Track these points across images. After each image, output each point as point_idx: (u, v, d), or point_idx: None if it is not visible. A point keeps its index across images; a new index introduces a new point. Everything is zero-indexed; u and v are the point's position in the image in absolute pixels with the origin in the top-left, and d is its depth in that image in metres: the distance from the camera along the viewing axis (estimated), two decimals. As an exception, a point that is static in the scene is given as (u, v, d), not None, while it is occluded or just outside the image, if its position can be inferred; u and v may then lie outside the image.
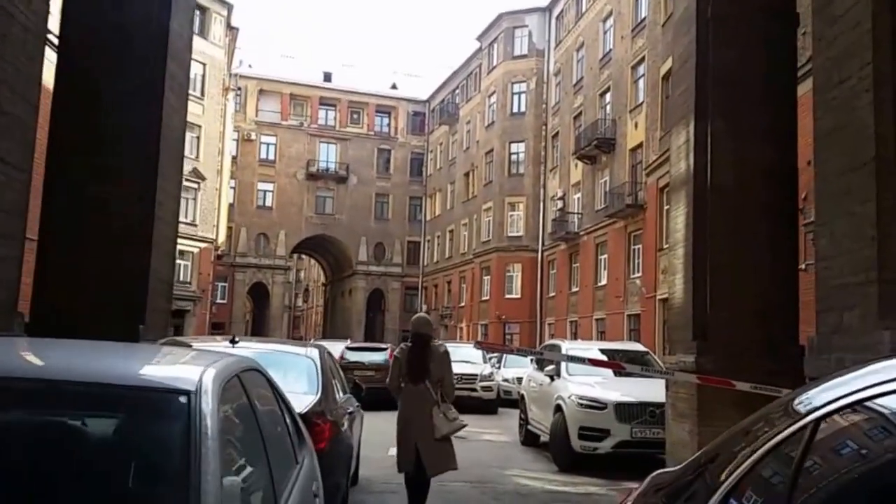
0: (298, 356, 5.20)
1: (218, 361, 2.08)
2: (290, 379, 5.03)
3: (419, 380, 5.37)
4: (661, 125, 21.23)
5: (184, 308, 32.23)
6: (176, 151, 7.70)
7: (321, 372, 5.00)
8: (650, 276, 21.07)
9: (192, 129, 32.57)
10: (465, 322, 38.66)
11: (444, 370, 5.48)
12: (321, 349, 5.48)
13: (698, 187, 7.28)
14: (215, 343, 5.49)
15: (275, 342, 6.12)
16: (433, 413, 5.35)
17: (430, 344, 5.52)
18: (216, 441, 1.70)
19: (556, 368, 9.18)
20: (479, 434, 11.57)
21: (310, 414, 4.40)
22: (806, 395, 1.69)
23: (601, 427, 8.00)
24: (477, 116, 39.32)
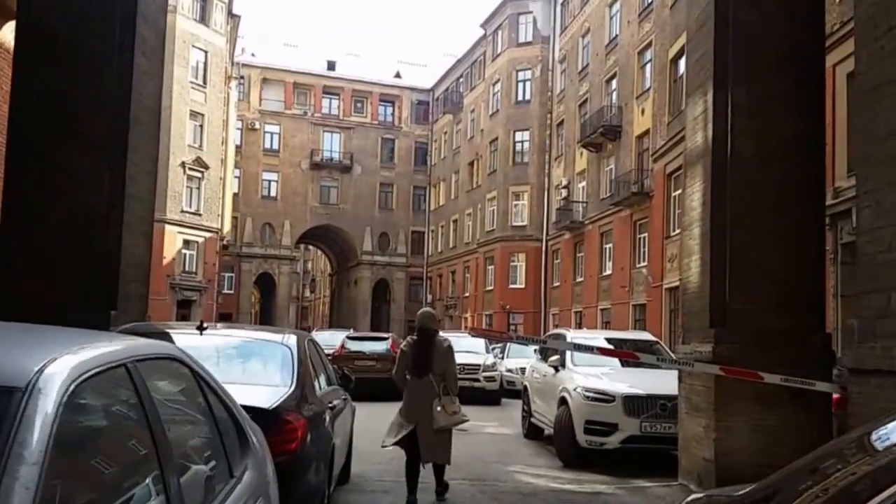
0: (273, 344, 4.59)
1: (87, 347, 1.47)
2: (261, 370, 4.43)
3: (423, 373, 5.51)
4: (670, 109, 20.50)
5: (190, 298, 31.79)
6: (150, 122, 7.08)
7: (297, 362, 4.39)
8: (657, 265, 20.40)
9: (195, 117, 32.05)
10: (469, 312, 38.08)
11: (447, 364, 5.61)
12: (301, 336, 4.88)
13: (717, 161, 6.61)
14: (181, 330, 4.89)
15: (249, 329, 5.52)
16: (433, 405, 5.49)
17: (435, 338, 5.64)
18: (37, 466, 1.10)
19: (561, 359, 8.55)
20: (481, 427, 10.97)
21: (280, 410, 3.80)
22: (884, 430, 1.43)
23: (609, 421, 7.37)
24: (481, 105, 38.56)
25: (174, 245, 30.84)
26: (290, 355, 4.42)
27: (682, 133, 19.41)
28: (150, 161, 7.20)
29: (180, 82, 31.05)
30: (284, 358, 4.41)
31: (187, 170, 31.49)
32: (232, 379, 4.25)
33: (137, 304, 6.76)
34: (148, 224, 7.19)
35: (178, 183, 31.13)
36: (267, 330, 5.12)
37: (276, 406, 3.79)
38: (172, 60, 30.69)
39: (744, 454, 5.97)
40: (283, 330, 4.98)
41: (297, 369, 4.32)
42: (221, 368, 4.39)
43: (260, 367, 4.42)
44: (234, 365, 4.41)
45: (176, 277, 30.84)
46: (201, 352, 4.50)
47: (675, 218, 19.53)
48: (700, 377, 6.45)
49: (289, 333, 4.80)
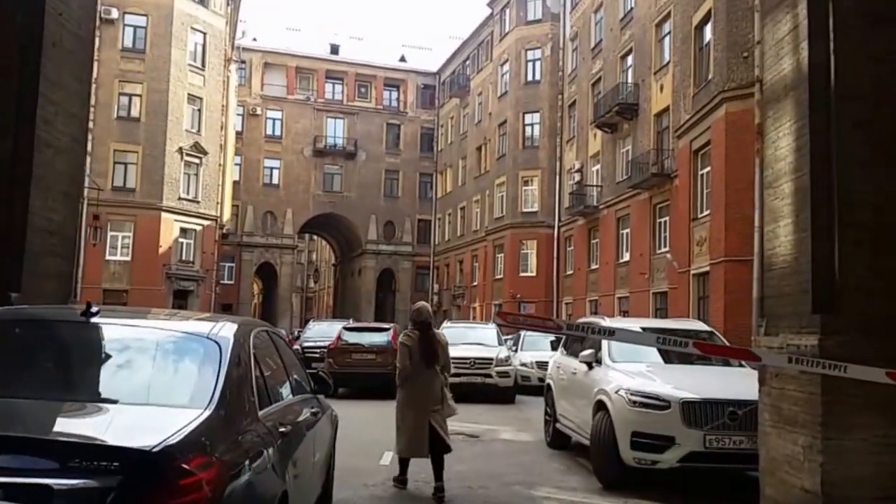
0: (193, 341, 2.96)
1: None
2: (166, 381, 2.78)
3: (431, 364, 5.63)
4: (695, 81, 18.69)
5: (186, 288, 30.30)
6: (77, 52, 5.44)
7: (227, 368, 2.76)
8: (682, 250, 18.67)
9: (193, 101, 30.45)
10: (478, 302, 36.46)
11: (447, 358, 5.80)
12: (245, 328, 3.24)
13: (816, 93, 4.91)
14: (61, 316, 3.25)
15: (165, 317, 3.88)
16: (444, 393, 5.66)
17: (435, 332, 5.82)
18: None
19: (595, 353, 6.90)
20: (496, 432, 9.36)
21: (168, 455, 2.17)
22: None
23: (662, 433, 5.73)
24: (489, 87, 36.76)
25: (171, 233, 29.34)
26: (216, 358, 2.79)
27: (710, 104, 17.72)
28: (78, 103, 5.58)
29: (178, 65, 29.48)
30: (207, 362, 2.79)
31: (185, 155, 29.94)
32: (111, 395, 2.62)
33: (55, 284, 5.15)
34: (74, 184, 5.58)
35: (175, 169, 29.59)
36: (194, 318, 3.49)
37: (163, 448, 2.16)
38: (170, 42, 29.17)
39: (864, 485, 4.34)
40: (217, 318, 3.33)
41: (225, 380, 2.69)
42: (99, 378, 2.77)
43: (165, 376, 2.79)
44: (122, 374, 2.78)
45: (172, 267, 29.33)
46: (77, 352, 2.88)
47: (704, 198, 17.79)
48: (796, 379, 4.79)
49: (225, 324, 3.16)
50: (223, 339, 2.91)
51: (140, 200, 28.43)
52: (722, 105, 16.60)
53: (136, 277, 28.01)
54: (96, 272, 27.42)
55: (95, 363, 2.80)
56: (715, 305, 16.33)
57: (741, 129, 16.14)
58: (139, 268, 28.16)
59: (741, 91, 16.12)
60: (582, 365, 7.04)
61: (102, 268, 27.80)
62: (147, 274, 28.01)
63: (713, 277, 16.75)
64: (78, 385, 2.69)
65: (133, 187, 28.63)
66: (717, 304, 16.21)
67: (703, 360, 7.33)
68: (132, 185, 28.66)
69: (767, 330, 5.40)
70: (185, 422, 2.35)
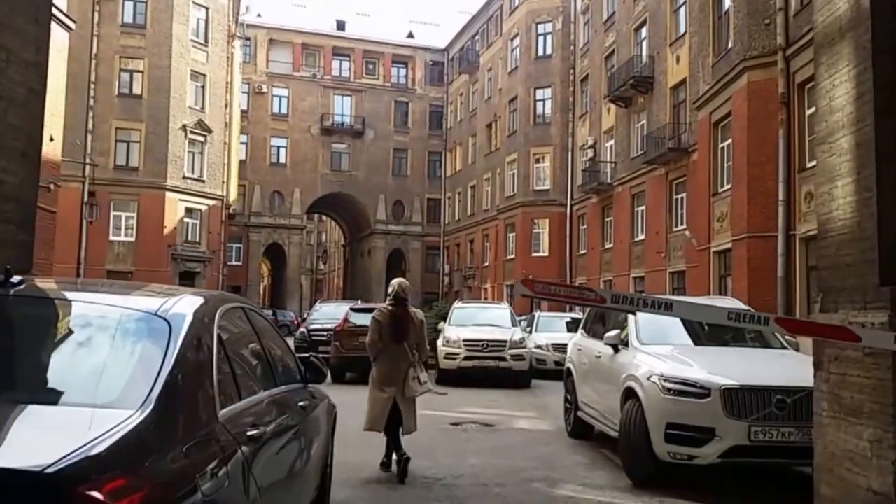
0: (135, 320, 2.30)
1: None
2: (88, 373, 2.12)
3: (400, 340, 5.53)
4: (714, 50, 17.76)
5: (193, 270, 29.83)
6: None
7: (175, 355, 2.12)
8: (702, 227, 17.87)
9: (196, 77, 29.75)
10: (489, 282, 35.82)
11: (421, 336, 5.68)
12: (209, 305, 2.59)
13: (880, 33, 4.18)
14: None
15: (108, 289, 3.20)
16: (408, 373, 5.50)
17: (409, 309, 5.68)
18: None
19: (621, 334, 6.25)
20: (511, 419, 8.75)
21: (75, 473, 1.53)
22: None
23: (701, 425, 5.08)
24: (499, 63, 35.75)
25: (175, 213, 28.83)
26: (163, 341, 2.15)
27: (730, 74, 16.81)
28: (34, 48, 4.89)
29: (180, 40, 28.76)
30: (150, 347, 2.16)
31: (189, 133, 29.32)
32: (14, 392, 1.98)
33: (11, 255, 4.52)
34: (32, 143, 4.92)
35: (179, 147, 29.00)
36: (148, 291, 2.84)
37: (61, 468, 1.53)
38: (171, 17, 28.42)
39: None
40: (178, 291, 2.68)
41: (171, 371, 2.05)
42: (2, 369, 2.14)
43: (91, 366, 2.14)
44: (34, 363, 2.14)
45: (178, 248, 28.87)
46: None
47: (725, 172, 16.95)
48: (859, 363, 4.12)
49: (184, 298, 2.51)
50: (176, 318, 2.27)
51: (143, 179, 27.90)
52: (743, 74, 15.73)
53: (140, 258, 27.56)
54: (100, 253, 27.03)
55: (2, 349, 2.17)
56: (738, 284, 15.58)
57: (764, 99, 15.32)
58: (144, 248, 27.70)
59: (763, 59, 15.27)
60: (606, 348, 6.38)
61: (106, 249, 27.39)
62: (152, 255, 27.55)
63: (735, 255, 15.99)
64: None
65: (136, 166, 28.08)
66: (740, 283, 15.47)
67: (738, 342, 6.69)
68: (135, 163, 28.12)
69: (824, 306, 4.70)
70: (103, 429, 1.72)
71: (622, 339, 6.20)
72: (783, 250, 14.50)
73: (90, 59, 26.80)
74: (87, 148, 26.39)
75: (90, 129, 26.88)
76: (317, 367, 3.68)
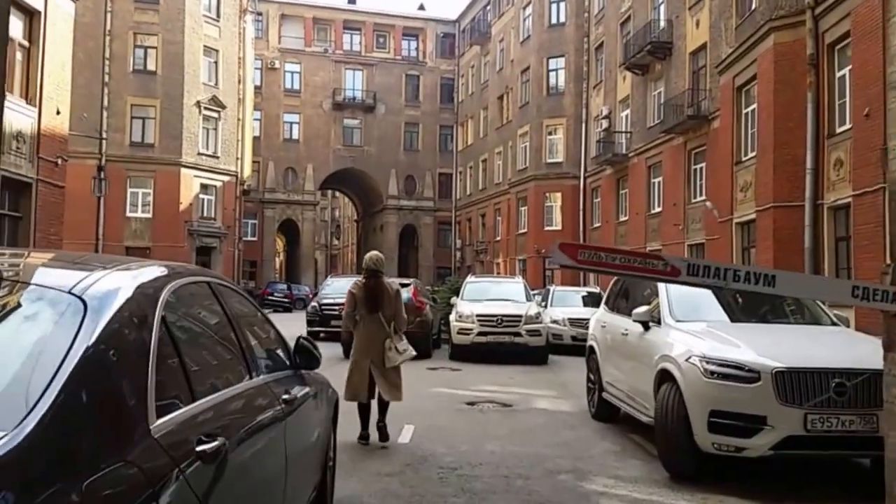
0: (38, 301, 1.63)
1: None
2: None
3: (374, 311, 5.55)
4: (737, 11, 16.70)
5: (210, 245, 29.44)
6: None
7: (87, 350, 1.47)
8: (724, 197, 17.01)
9: (209, 53, 28.99)
10: (501, 257, 35.13)
11: (397, 307, 5.66)
12: (154, 280, 1.92)
13: None
14: None
15: (13, 257, 2.50)
16: (386, 344, 5.53)
17: (383, 280, 5.67)
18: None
19: (653, 310, 5.57)
20: (531, 400, 8.14)
21: None
22: None
23: (750, 412, 4.43)
24: (511, 33, 34.56)
25: (191, 189, 28.33)
26: (69, 331, 1.51)
27: (755, 35, 15.79)
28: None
29: (192, 15, 27.96)
30: (50, 338, 1.51)
31: (203, 110, 28.68)
32: None
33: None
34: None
35: (194, 123, 28.39)
36: (66, 261, 2.19)
37: None
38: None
39: None
40: (121, 262, 2.03)
41: (73, 372, 1.41)
42: None
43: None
44: None
45: (194, 223, 28.43)
46: None
47: (750, 139, 16.03)
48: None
49: (113, 271, 1.85)
50: (96, 297, 1.62)
51: (159, 156, 27.40)
52: (769, 35, 14.73)
53: (158, 234, 27.20)
54: (118, 230, 26.67)
55: None
56: (762, 256, 14.79)
57: (791, 61, 14.36)
58: (161, 224, 27.31)
59: (790, 19, 14.29)
60: (635, 325, 5.71)
61: (124, 225, 27.03)
62: (169, 231, 27.18)
63: (760, 225, 15.16)
64: None
65: (152, 142, 27.57)
66: (765, 255, 14.67)
67: (779, 318, 6.00)
68: (151, 140, 27.60)
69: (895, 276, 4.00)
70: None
71: (653, 316, 5.52)
72: (810, 221, 13.68)
73: (104, 36, 26.15)
74: (103, 125, 25.85)
75: (105, 105, 26.33)
76: (308, 352, 3.04)
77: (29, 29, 11.32)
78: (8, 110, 10.77)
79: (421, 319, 11.70)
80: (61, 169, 12.51)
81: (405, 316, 5.83)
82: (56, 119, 12.12)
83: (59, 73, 12.09)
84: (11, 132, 10.45)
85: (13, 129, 10.60)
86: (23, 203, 11.57)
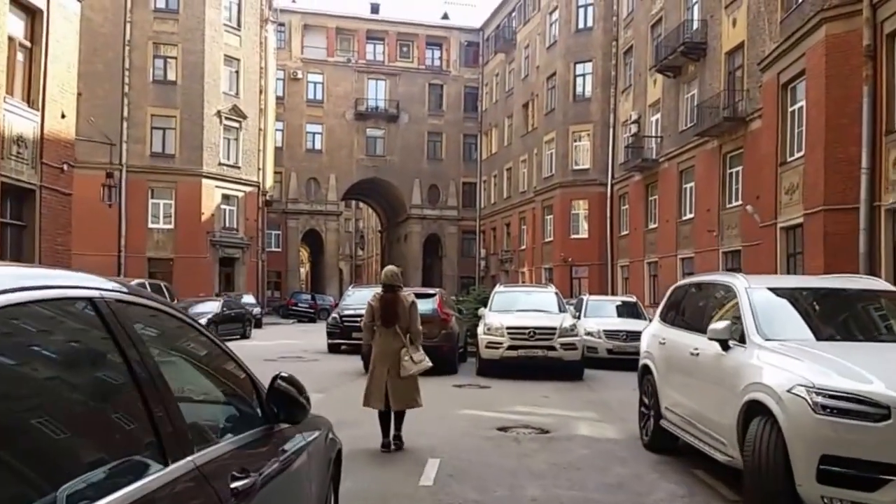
0: None
1: None
2: None
3: (390, 324, 5.67)
4: (782, 4, 15.53)
5: (232, 255, 28.90)
6: None
7: None
8: (767, 200, 15.78)
9: (230, 62, 28.56)
10: (526, 266, 34.04)
11: (412, 319, 5.73)
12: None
13: None
14: None
15: None
16: (402, 354, 5.61)
17: (399, 293, 5.78)
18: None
19: (733, 325, 4.51)
20: (570, 423, 7.09)
21: None
22: None
23: (876, 459, 3.35)
24: (536, 39, 33.64)
25: (212, 200, 27.82)
26: None
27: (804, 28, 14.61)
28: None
29: (213, 25, 27.58)
30: None
31: (223, 119, 28.22)
32: None
33: None
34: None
35: (215, 133, 27.93)
36: None
37: None
38: (204, 2, 27.24)
39: None
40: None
41: None
42: None
43: None
44: None
45: (216, 234, 27.89)
46: None
47: (796, 138, 14.82)
48: None
49: None
50: None
51: (180, 167, 26.94)
52: (821, 27, 13.55)
53: (180, 245, 26.70)
54: (140, 240, 26.25)
55: None
56: (812, 263, 13.52)
57: (845, 54, 13.13)
58: (183, 235, 26.80)
59: (844, 9, 13.10)
60: (709, 343, 4.65)
61: (146, 236, 26.57)
62: (191, 241, 26.64)
63: (809, 230, 13.92)
64: None
65: (172, 153, 27.13)
66: (815, 262, 13.40)
67: (868, 335, 4.88)
68: (171, 150, 27.16)
69: None
70: None
71: (737, 333, 4.46)
72: (866, 224, 12.42)
73: (124, 46, 25.85)
74: (123, 135, 25.52)
75: (126, 116, 26.00)
76: (288, 398, 2.05)
77: (31, 28, 10.67)
78: (7, 113, 10.13)
79: (446, 332, 10.70)
80: (68, 175, 11.82)
81: (419, 327, 5.83)
82: (61, 123, 11.45)
83: (63, 75, 11.43)
84: (11, 136, 9.79)
85: (13, 133, 9.95)
86: (26, 211, 10.90)
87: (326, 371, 11.08)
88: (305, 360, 13.13)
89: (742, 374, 4.14)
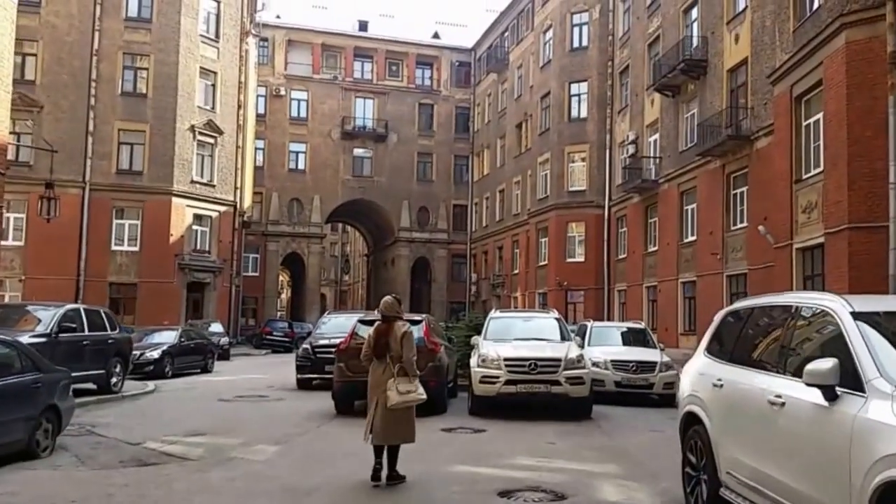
0: None
1: None
2: None
3: (381, 355, 5.64)
4: (795, 13, 14.66)
5: (202, 280, 27.22)
6: None
7: None
8: (782, 220, 14.70)
9: (207, 75, 27.30)
10: (519, 291, 32.77)
11: (405, 349, 5.60)
12: None
13: None
14: None
15: None
16: (388, 385, 5.52)
17: (394, 324, 5.69)
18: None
19: (840, 366, 3.20)
20: (588, 481, 5.73)
21: None
22: None
23: None
24: (529, 59, 32.91)
25: (183, 220, 26.31)
26: None
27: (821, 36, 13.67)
28: None
29: (188, 35, 26.45)
30: None
31: (197, 135, 26.90)
32: None
33: None
34: None
35: (187, 149, 26.59)
36: None
37: None
38: (179, 10, 26.12)
39: None
40: None
41: None
42: None
43: None
44: None
45: (185, 257, 26.30)
46: None
47: (813, 153, 13.80)
48: None
49: None
50: None
51: (148, 184, 25.47)
52: (840, 33, 12.62)
53: (145, 269, 25.07)
54: (102, 264, 24.68)
55: None
56: (835, 285, 12.37)
57: (868, 62, 12.14)
58: (148, 258, 25.18)
59: (866, 14, 12.19)
60: (804, 389, 3.35)
61: (109, 259, 24.97)
62: (158, 265, 25.01)
63: (831, 250, 12.81)
64: None
65: (140, 170, 25.67)
66: (838, 284, 12.25)
67: None
68: (139, 167, 25.70)
69: None
70: None
71: (850, 377, 3.16)
72: (895, 243, 11.36)
73: (91, 56, 24.63)
74: (88, 151, 24.16)
75: (91, 130, 24.66)
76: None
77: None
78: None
79: (434, 365, 9.27)
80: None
81: (411, 357, 5.58)
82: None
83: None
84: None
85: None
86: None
87: (291, 413, 9.62)
88: (269, 399, 11.53)
89: (867, 439, 2.85)
